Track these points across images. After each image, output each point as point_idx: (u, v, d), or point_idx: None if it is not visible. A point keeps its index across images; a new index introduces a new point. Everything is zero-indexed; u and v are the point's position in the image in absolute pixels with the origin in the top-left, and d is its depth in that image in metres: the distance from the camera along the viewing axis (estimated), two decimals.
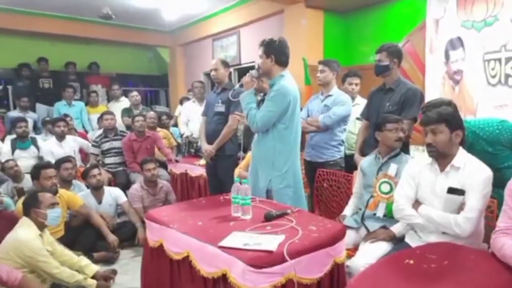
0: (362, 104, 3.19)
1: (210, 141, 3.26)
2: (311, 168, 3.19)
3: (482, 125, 2.06)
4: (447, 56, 3.68)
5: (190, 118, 4.81)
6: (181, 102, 5.77)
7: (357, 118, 3.30)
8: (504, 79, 3.20)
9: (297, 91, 2.48)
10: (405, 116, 2.53)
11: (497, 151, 1.89)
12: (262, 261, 1.51)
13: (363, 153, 2.74)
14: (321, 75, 3.17)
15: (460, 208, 1.81)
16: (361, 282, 1.41)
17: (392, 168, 2.21)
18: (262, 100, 2.57)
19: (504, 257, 1.47)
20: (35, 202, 2.42)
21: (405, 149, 2.42)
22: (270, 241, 1.63)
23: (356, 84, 3.61)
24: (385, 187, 2.21)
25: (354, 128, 3.42)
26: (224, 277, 1.59)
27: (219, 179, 3.24)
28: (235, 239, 1.68)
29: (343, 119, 3.10)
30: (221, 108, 3.21)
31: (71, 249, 2.70)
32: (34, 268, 2.30)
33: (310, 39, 4.81)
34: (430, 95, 3.78)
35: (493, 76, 3.29)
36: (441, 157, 1.88)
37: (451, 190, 1.82)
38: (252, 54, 5.64)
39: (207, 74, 7.14)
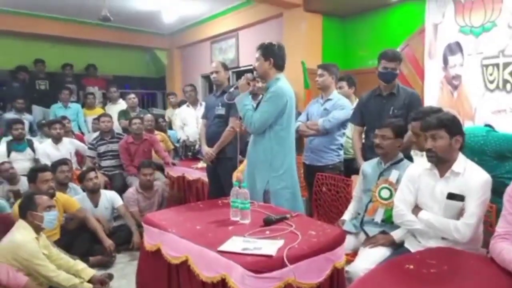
0: None
1: (210, 144, 3.24)
2: (310, 171, 3.18)
3: (467, 135, 2.05)
4: (445, 61, 3.69)
5: (186, 122, 4.80)
6: (179, 105, 5.74)
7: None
8: (502, 84, 3.22)
9: (292, 93, 2.52)
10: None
11: (483, 161, 1.91)
12: (261, 266, 1.50)
13: (365, 159, 2.73)
14: (320, 79, 3.17)
15: (459, 213, 1.81)
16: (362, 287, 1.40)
17: (393, 175, 2.20)
18: (258, 104, 2.58)
19: (503, 262, 1.46)
20: (32, 204, 2.40)
21: (406, 153, 2.41)
22: (269, 246, 1.62)
23: (340, 88, 3.57)
24: (385, 193, 2.19)
25: (350, 133, 3.41)
26: (223, 282, 1.58)
27: (220, 182, 3.22)
28: (235, 244, 1.66)
29: (343, 123, 3.11)
30: (221, 111, 3.19)
31: (67, 252, 2.66)
32: (30, 271, 2.27)
33: (308, 43, 4.81)
34: (429, 100, 3.80)
35: (491, 82, 3.30)
36: (441, 163, 1.87)
37: (451, 196, 1.82)
38: (250, 57, 5.58)
39: (205, 77, 7.13)
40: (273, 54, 2.47)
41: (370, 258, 1.96)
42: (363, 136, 2.96)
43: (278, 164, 2.45)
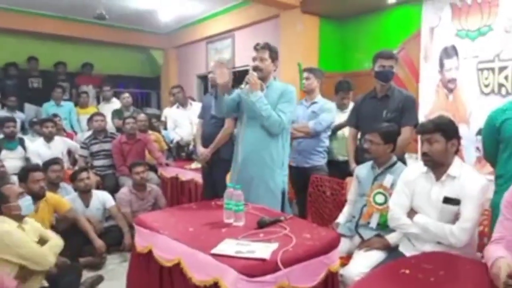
0: None
1: (206, 144, 3.21)
2: (297, 173, 3.17)
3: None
4: (441, 65, 3.70)
5: (177, 123, 4.76)
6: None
7: None
8: (497, 88, 3.22)
9: None
10: (406, 122, 2.55)
11: None
12: (255, 269, 1.47)
13: (358, 162, 2.71)
14: (307, 82, 3.24)
15: (455, 217, 1.80)
16: None
17: (387, 179, 2.18)
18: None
19: (487, 261, 1.47)
20: (2, 198, 2.28)
21: (401, 156, 2.40)
22: (263, 249, 1.59)
23: (348, 98, 3.60)
24: (380, 198, 2.17)
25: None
26: (216, 285, 1.55)
27: (214, 183, 3.19)
28: (228, 247, 1.63)
29: (329, 126, 3.18)
30: None
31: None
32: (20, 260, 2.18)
33: (305, 45, 4.79)
34: (424, 103, 3.80)
35: (486, 85, 3.31)
36: (436, 166, 1.87)
37: (447, 200, 1.82)
38: (246, 58, 5.60)
39: (201, 77, 7.10)
40: (277, 57, 2.53)
41: (364, 262, 1.95)
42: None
43: (286, 163, 2.53)
